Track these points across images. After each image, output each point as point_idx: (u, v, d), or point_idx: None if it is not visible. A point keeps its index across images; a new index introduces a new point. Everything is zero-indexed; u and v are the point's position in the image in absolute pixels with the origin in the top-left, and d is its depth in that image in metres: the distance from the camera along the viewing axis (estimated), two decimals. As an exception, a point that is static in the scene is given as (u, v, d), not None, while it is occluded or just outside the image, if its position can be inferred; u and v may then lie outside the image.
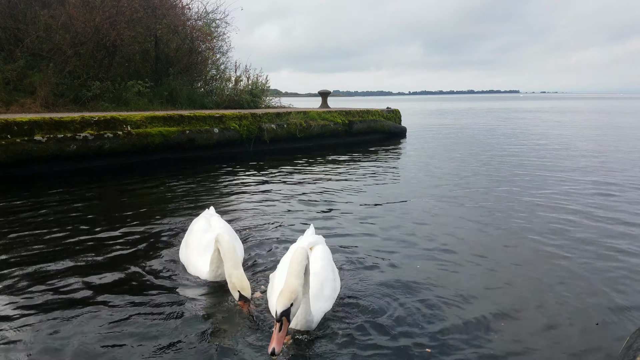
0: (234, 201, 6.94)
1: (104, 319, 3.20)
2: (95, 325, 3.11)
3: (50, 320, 3.16)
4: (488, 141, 15.81)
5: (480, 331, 3.04)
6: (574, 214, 5.98)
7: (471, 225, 5.51)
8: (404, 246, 4.73)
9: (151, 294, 3.61)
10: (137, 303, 3.45)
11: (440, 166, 10.23)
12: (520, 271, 4.07)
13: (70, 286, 3.73)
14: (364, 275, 3.93)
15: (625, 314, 3.30)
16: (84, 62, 13.64)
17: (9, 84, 12.35)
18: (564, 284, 3.81)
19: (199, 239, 4.05)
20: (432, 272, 4.03)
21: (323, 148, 13.79)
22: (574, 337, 3.00)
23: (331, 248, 3.96)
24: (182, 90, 15.46)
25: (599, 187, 7.68)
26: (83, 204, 6.68)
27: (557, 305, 3.43)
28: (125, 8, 13.74)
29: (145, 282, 3.86)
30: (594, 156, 11.54)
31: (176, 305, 3.43)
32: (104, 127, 9.90)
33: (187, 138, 11.18)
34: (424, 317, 3.21)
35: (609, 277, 3.93)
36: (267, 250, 4.60)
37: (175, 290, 3.71)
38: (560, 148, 13.42)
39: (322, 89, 19.88)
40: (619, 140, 15.77)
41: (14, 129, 8.70)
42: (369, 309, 3.30)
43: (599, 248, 4.66)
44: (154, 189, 7.75)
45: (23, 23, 13.65)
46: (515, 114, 37.23)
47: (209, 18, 17.82)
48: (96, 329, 3.06)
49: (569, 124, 24.41)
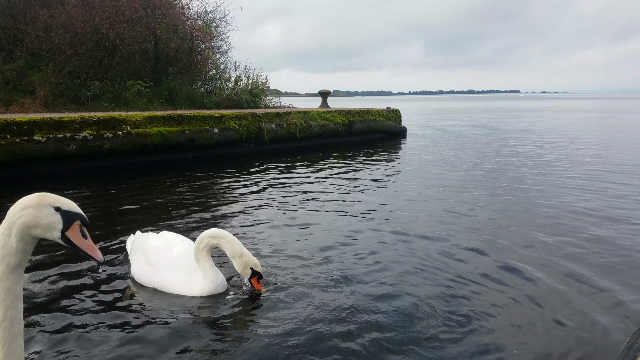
0: (234, 202, 6.93)
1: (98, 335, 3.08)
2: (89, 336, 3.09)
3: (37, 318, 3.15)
4: (488, 140, 15.80)
5: (477, 330, 3.04)
6: (577, 213, 5.97)
7: (471, 226, 5.50)
8: (404, 246, 4.72)
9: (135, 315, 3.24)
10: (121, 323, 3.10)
11: (440, 166, 10.22)
12: (519, 270, 4.06)
13: (63, 289, 3.71)
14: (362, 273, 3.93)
15: (625, 313, 3.30)
16: (83, 62, 13.63)
17: (8, 84, 12.33)
18: (563, 283, 3.80)
19: (166, 254, 3.64)
20: (432, 271, 4.02)
21: (323, 148, 13.78)
22: (573, 337, 2.99)
23: (332, 247, 3.94)
24: (182, 90, 15.45)
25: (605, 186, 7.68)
26: (83, 204, 6.68)
27: (556, 305, 3.43)
28: (125, 8, 13.73)
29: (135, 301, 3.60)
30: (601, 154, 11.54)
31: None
32: (103, 127, 9.89)
33: (186, 138, 11.17)
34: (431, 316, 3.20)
35: (609, 277, 3.93)
36: (265, 253, 4.59)
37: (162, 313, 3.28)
38: (562, 147, 13.41)
39: (322, 89, 19.89)
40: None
41: (14, 128, 8.69)
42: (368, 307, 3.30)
43: (599, 246, 4.66)
44: (153, 189, 7.74)
45: (22, 23, 13.64)
46: (515, 114, 37.22)
47: (209, 18, 17.83)
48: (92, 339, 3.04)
49: (568, 123, 24.41)
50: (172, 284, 3.52)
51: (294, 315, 3.20)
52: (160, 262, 3.60)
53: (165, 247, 3.70)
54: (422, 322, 3.14)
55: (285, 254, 4.47)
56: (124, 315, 3.21)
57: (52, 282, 3.80)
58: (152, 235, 3.95)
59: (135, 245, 3.95)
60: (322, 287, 3.67)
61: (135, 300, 3.48)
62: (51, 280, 3.83)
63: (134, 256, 3.87)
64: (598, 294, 3.61)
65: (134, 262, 3.81)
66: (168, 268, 3.57)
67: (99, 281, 3.82)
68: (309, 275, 3.91)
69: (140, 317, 3.19)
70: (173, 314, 3.22)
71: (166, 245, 3.72)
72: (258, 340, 2.90)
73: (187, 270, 3.55)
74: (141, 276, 3.68)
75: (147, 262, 3.66)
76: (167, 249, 3.68)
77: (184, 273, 3.53)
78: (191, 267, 3.55)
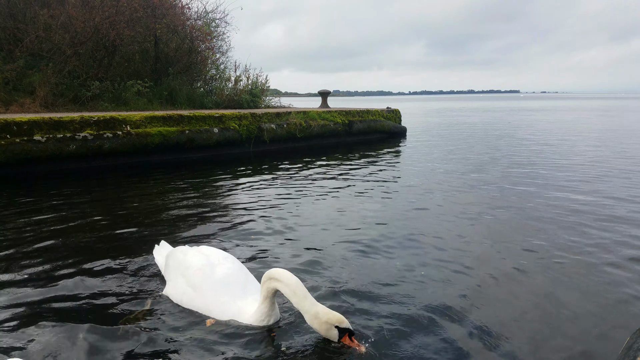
0: (233, 202, 6.93)
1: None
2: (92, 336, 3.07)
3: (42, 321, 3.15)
4: (488, 140, 15.80)
5: (477, 329, 3.04)
6: (581, 214, 5.97)
7: (473, 225, 5.50)
8: (404, 248, 4.72)
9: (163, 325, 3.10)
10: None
11: (440, 165, 10.22)
12: (519, 269, 4.06)
13: (66, 289, 3.71)
14: (366, 273, 3.93)
15: (625, 313, 3.30)
16: (83, 62, 13.64)
17: (8, 84, 12.34)
18: (563, 283, 3.80)
19: (210, 275, 3.29)
20: (433, 272, 4.02)
21: (323, 148, 13.79)
22: (573, 337, 2.99)
23: (332, 247, 3.94)
24: (182, 90, 15.45)
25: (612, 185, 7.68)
26: (83, 204, 6.68)
27: (556, 305, 3.43)
28: (125, 8, 13.73)
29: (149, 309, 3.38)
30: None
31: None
32: (103, 127, 9.90)
33: (186, 138, 11.17)
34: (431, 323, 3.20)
35: (609, 277, 3.93)
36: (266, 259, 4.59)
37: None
38: (563, 145, 13.42)
39: (322, 89, 19.89)
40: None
41: (14, 128, 8.70)
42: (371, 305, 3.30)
43: (600, 246, 4.66)
44: (153, 190, 7.74)
45: (22, 23, 13.64)
46: (515, 113, 37.23)
47: (209, 18, 17.83)
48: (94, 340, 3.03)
49: (560, 123, 24.41)
50: (217, 309, 3.17)
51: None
52: (204, 284, 3.26)
53: (207, 267, 3.34)
54: (422, 322, 3.15)
55: (291, 261, 4.47)
56: (155, 339, 2.93)
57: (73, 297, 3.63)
58: (190, 252, 3.57)
59: (172, 262, 3.60)
60: (327, 294, 3.67)
61: (166, 319, 3.19)
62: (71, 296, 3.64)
63: (171, 275, 3.55)
64: (598, 294, 3.61)
65: (173, 283, 3.49)
66: (213, 291, 3.22)
67: (124, 299, 3.50)
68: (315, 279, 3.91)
69: (173, 340, 2.93)
70: (211, 343, 2.89)
71: (208, 264, 3.36)
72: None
73: (233, 293, 3.20)
74: (182, 299, 3.35)
75: (189, 284, 3.34)
76: (210, 269, 3.32)
77: (230, 297, 3.18)
78: (238, 289, 3.23)
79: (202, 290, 3.25)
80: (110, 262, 4.25)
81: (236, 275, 3.30)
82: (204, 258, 3.42)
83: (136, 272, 4.04)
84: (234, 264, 3.41)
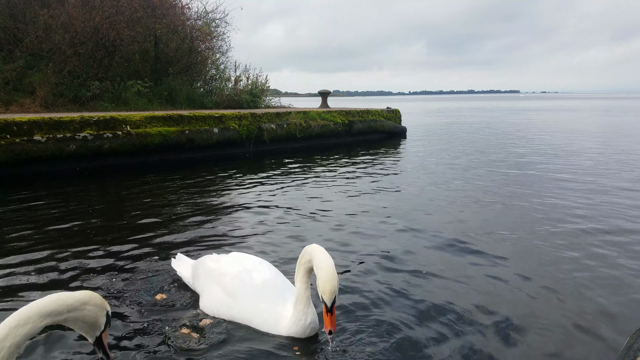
0: (233, 202, 6.93)
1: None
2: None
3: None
4: (487, 139, 15.79)
5: (476, 329, 3.04)
6: (582, 217, 5.97)
7: (473, 225, 5.50)
8: (404, 247, 4.72)
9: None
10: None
11: (440, 165, 10.22)
12: (522, 271, 4.06)
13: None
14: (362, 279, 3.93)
15: (625, 313, 3.30)
16: (83, 62, 13.64)
17: (8, 84, 12.34)
18: (563, 282, 3.80)
19: (248, 282, 3.15)
20: (434, 272, 4.02)
21: (323, 148, 13.79)
22: (573, 337, 2.99)
23: (332, 246, 3.94)
24: (182, 90, 15.45)
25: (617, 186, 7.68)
26: (83, 204, 6.68)
27: (556, 305, 3.43)
28: (125, 8, 13.73)
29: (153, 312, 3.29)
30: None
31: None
32: (103, 127, 9.89)
33: (186, 138, 11.17)
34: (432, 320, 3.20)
35: (609, 277, 3.93)
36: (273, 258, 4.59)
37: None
38: (562, 145, 13.42)
39: (322, 89, 19.88)
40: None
41: (14, 128, 8.69)
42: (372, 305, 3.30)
43: (600, 246, 4.66)
44: (153, 190, 7.73)
45: (22, 23, 13.65)
46: (515, 113, 37.23)
47: (209, 18, 17.82)
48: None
49: (558, 122, 24.42)
50: (258, 318, 3.04)
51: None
52: (242, 292, 3.13)
53: (244, 273, 3.21)
54: (422, 322, 3.15)
55: (284, 257, 4.47)
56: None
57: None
58: (223, 259, 3.42)
59: (203, 271, 3.42)
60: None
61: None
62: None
63: (203, 285, 3.37)
64: (598, 294, 3.61)
65: (207, 292, 3.31)
66: (252, 299, 3.09)
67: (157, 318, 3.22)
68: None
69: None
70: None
71: (245, 271, 3.24)
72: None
73: (275, 300, 3.08)
74: (220, 309, 3.18)
75: (226, 293, 3.18)
76: (247, 275, 3.20)
77: (271, 304, 3.06)
78: (278, 295, 3.11)
79: (240, 298, 3.11)
80: (111, 262, 4.25)
81: (274, 280, 3.21)
82: (239, 265, 3.30)
83: (137, 272, 4.04)
84: (270, 269, 3.32)
